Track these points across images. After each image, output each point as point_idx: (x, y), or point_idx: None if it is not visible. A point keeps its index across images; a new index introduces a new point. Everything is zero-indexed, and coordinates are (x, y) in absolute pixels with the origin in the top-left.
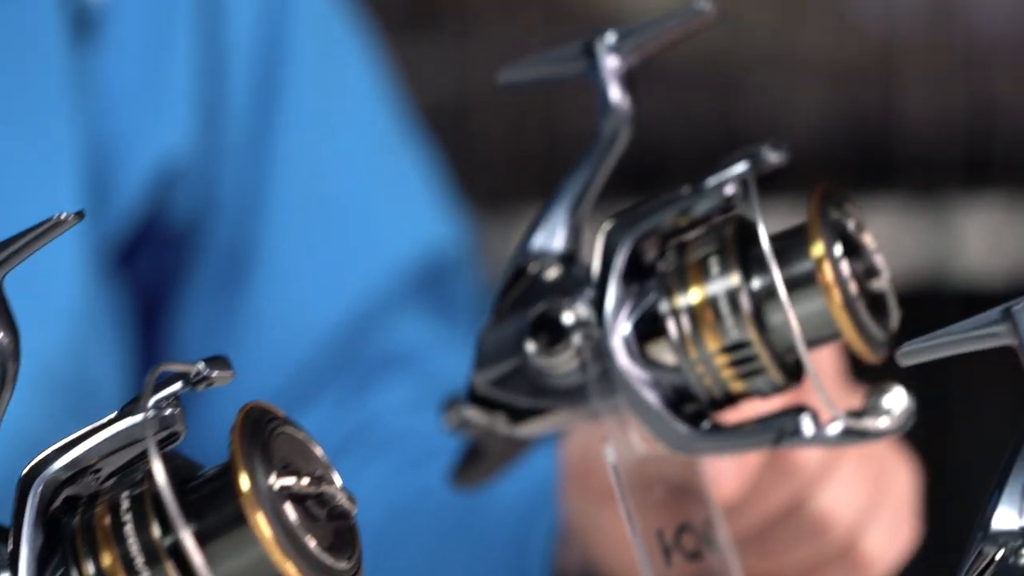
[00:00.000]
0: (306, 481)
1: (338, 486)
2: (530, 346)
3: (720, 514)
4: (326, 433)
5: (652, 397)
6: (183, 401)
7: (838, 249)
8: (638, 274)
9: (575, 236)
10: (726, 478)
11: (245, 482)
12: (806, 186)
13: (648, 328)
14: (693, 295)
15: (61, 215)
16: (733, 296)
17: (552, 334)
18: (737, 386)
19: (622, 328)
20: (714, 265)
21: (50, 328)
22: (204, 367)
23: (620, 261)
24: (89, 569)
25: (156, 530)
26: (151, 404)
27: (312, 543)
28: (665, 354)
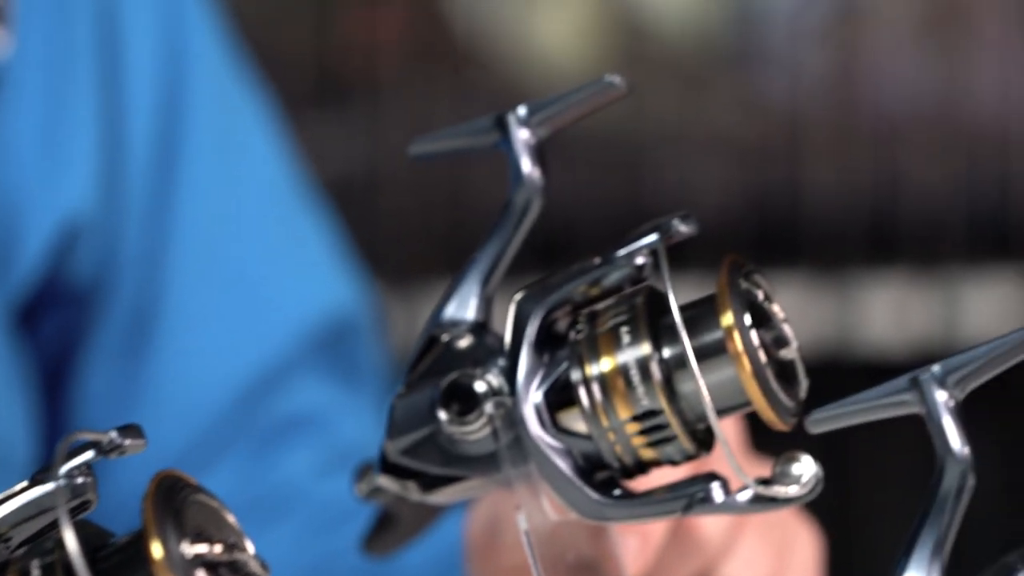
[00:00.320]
0: (219, 548)
1: (251, 553)
2: (442, 414)
3: None
4: (229, 497)
5: (563, 465)
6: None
7: (747, 318)
8: (550, 343)
9: (486, 306)
10: (630, 557)
11: (158, 550)
12: (712, 261)
13: (560, 397)
14: (604, 364)
15: None
16: (644, 365)
17: (464, 402)
18: (648, 454)
19: (533, 397)
20: (625, 334)
21: None
22: (117, 435)
23: (531, 330)
24: None
25: None
26: (63, 472)
27: None
28: (576, 422)
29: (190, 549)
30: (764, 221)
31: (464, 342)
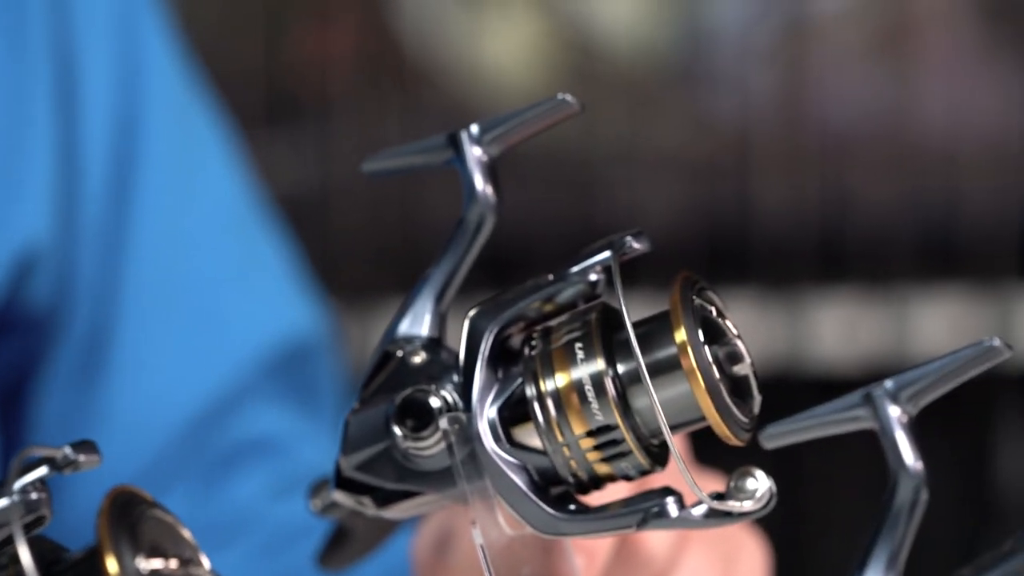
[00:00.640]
0: (174, 563)
1: (206, 568)
2: (397, 430)
3: None
4: (187, 520)
5: (518, 480)
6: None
7: (701, 335)
8: (504, 359)
9: (440, 322)
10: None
11: (113, 565)
12: (663, 278)
13: (514, 412)
14: (558, 379)
15: None
16: (598, 381)
17: (419, 418)
18: (603, 469)
19: (488, 412)
20: (579, 350)
21: None
22: (71, 451)
23: (485, 346)
24: None
25: None
26: (17, 488)
27: None
28: (531, 438)
29: (145, 564)
30: (714, 238)
31: (418, 358)
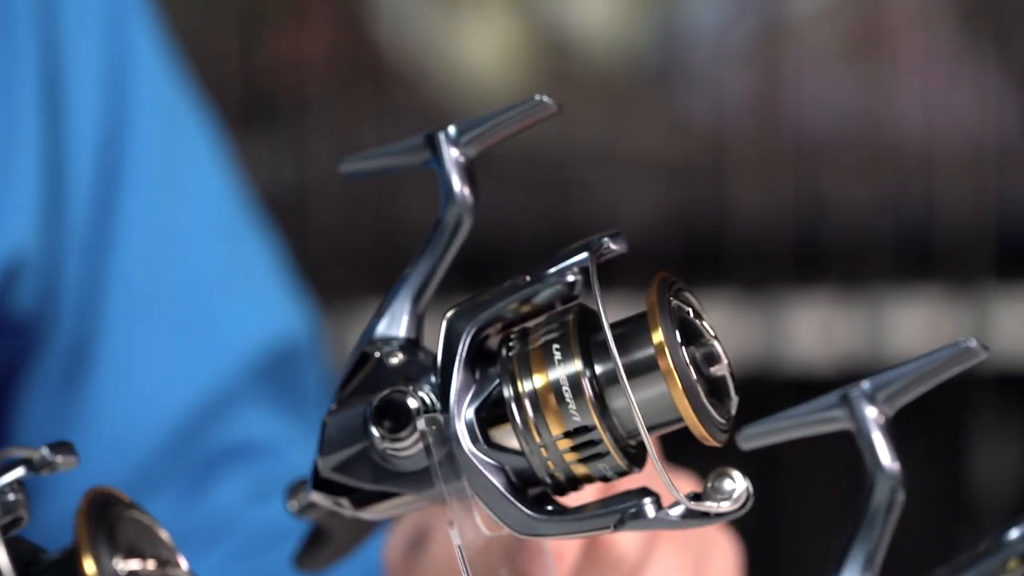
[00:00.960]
0: (152, 564)
1: (184, 570)
2: (375, 431)
3: None
4: (170, 525)
5: (496, 481)
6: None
7: (678, 335)
8: (481, 360)
9: (418, 323)
10: None
11: (90, 566)
12: (639, 280)
13: (492, 413)
14: (536, 380)
15: None
16: (575, 382)
17: (396, 419)
18: (580, 470)
19: (466, 413)
20: (556, 351)
21: None
22: (48, 452)
23: (463, 347)
24: None
25: None
26: None
27: None
28: (509, 439)
29: (123, 565)
30: (690, 240)
31: (396, 359)
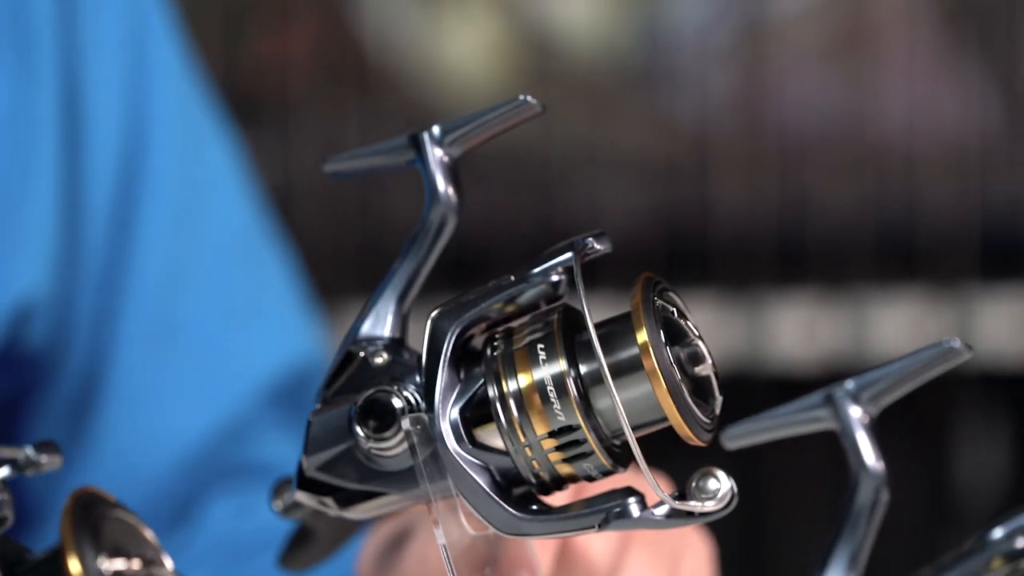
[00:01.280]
0: (137, 564)
1: (169, 569)
2: (359, 430)
3: None
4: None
5: (480, 480)
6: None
7: (662, 335)
8: (466, 360)
9: (403, 323)
10: None
11: (75, 566)
12: (622, 280)
13: (477, 413)
14: (521, 380)
15: None
16: (560, 381)
17: (381, 419)
18: (565, 469)
19: (451, 413)
20: (540, 351)
21: None
22: (33, 452)
23: (448, 346)
24: None
25: None
26: None
27: None
28: (494, 438)
29: (108, 565)
30: (673, 240)
31: (381, 359)
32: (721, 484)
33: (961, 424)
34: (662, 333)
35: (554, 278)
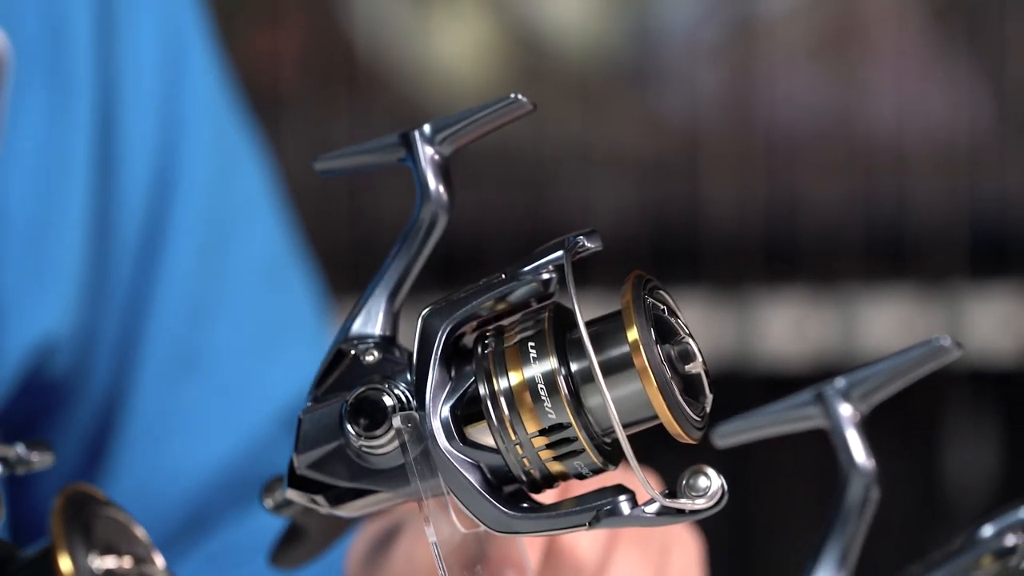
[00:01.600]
0: (128, 561)
1: (160, 567)
2: (350, 428)
3: None
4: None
5: (471, 478)
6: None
7: (653, 333)
8: (457, 358)
9: (393, 321)
10: None
11: (66, 564)
12: (613, 278)
13: (468, 411)
14: (511, 378)
15: None
16: (550, 379)
17: (372, 417)
18: (556, 467)
19: (441, 410)
20: (531, 349)
21: None
22: (24, 450)
23: (438, 344)
24: None
25: None
26: None
27: None
28: (484, 436)
29: (99, 563)
30: (663, 237)
31: (372, 357)
32: (711, 482)
33: (951, 422)
34: (653, 331)
35: (545, 276)
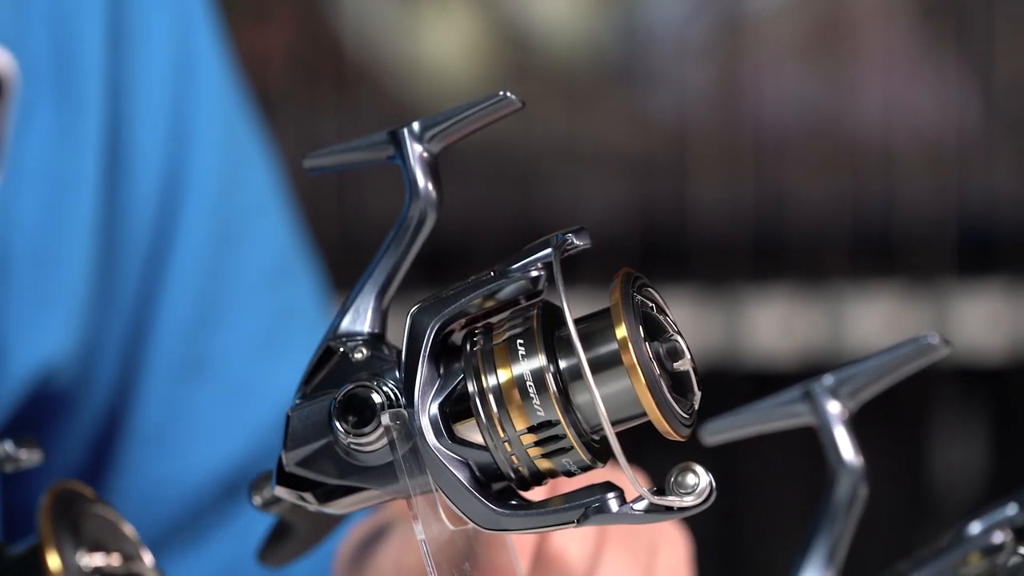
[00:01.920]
0: (116, 559)
1: (148, 564)
2: (339, 425)
3: None
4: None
5: (460, 475)
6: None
7: (641, 331)
8: (446, 355)
9: (382, 318)
10: None
11: (54, 561)
12: (601, 275)
13: (456, 408)
14: (500, 375)
15: None
16: (539, 377)
17: (361, 414)
18: (544, 464)
19: (430, 408)
20: (520, 346)
21: None
22: (12, 447)
23: (427, 342)
24: None
25: None
26: None
27: None
28: (473, 433)
29: (88, 560)
30: (651, 235)
31: (360, 354)
32: (700, 479)
33: (938, 419)
34: (641, 329)
35: (534, 274)
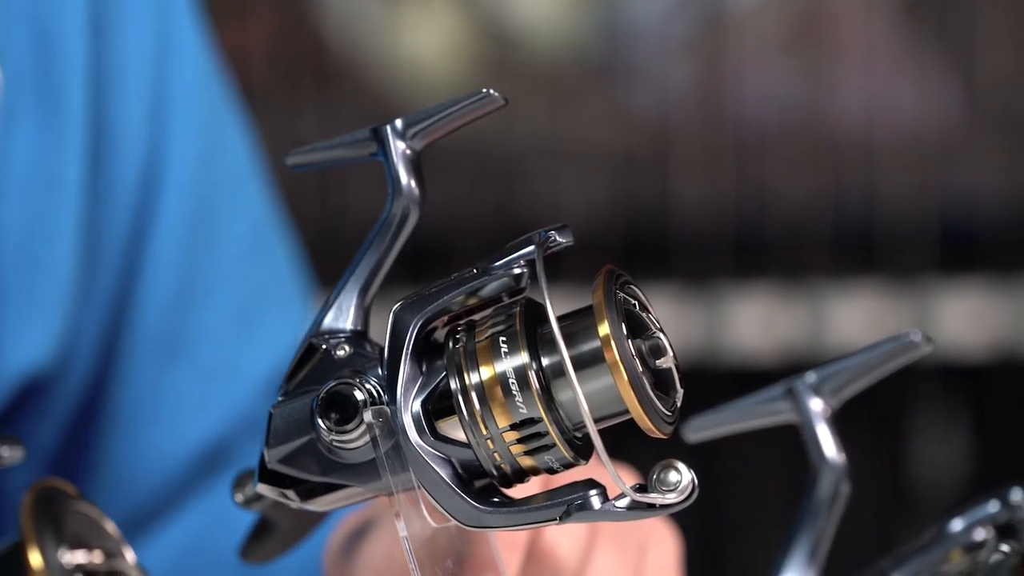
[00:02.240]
0: (98, 556)
1: (130, 561)
2: (321, 423)
3: None
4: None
5: (442, 473)
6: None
7: (624, 328)
8: (428, 353)
9: (365, 315)
10: None
11: (36, 558)
12: (583, 272)
13: (439, 405)
14: (483, 373)
15: None
16: (522, 374)
17: (343, 411)
18: (527, 462)
19: (413, 405)
20: (503, 344)
21: None
22: None
23: (410, 339)
24: None
25: None
26: None
27: None
28: (456, 431)
29: (70, 557)
30: (633, 232)
31: (343, 351)
32: (682, 476)
33: (920, 416)
34: (624, 326)
35: (516, 271)
